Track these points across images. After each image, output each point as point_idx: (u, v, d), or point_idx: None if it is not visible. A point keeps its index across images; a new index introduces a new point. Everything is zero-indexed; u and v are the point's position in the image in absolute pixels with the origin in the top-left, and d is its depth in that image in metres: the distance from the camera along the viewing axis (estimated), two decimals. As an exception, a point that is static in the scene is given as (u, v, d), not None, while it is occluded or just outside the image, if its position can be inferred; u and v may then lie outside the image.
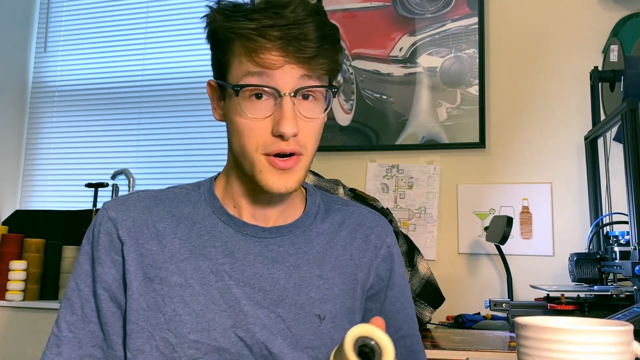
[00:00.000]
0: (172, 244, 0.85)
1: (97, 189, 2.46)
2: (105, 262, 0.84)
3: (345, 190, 1.70)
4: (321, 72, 0.81)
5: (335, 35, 0.82)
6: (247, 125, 0.80)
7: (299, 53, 0.77)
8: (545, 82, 2.11)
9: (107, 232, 0.85)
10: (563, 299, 1.55)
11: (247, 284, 0.84)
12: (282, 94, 0.78)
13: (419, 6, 2.26)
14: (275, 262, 0.86)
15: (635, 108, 1.45)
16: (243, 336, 0.82)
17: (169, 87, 2.70)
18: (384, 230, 0.96)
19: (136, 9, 2.81)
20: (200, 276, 0.83)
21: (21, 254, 2.29)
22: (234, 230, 0.87)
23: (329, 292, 0.87)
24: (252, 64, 0.78)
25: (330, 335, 0.85)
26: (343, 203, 0.98)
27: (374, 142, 2.25)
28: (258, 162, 0.81)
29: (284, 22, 0.77)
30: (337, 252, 0.90)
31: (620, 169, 1.82)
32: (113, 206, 0.87)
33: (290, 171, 0.81)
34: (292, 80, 0.79)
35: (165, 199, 0.89)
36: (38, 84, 2.90)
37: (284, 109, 0.78)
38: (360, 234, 0.93)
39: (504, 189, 2.09)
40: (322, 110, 0.83)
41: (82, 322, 0.85)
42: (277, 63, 0.78)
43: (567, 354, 0.60)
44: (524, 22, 2.16)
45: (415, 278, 1.70)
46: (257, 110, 0.80)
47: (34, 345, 2.14)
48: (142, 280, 0.83)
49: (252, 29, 0.77)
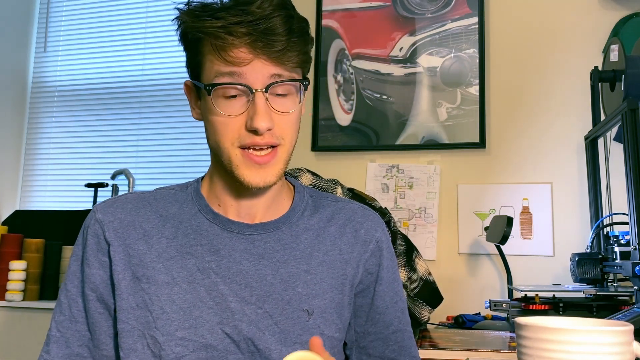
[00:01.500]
0: (159, 243, 0.86)
1: (97, 189, 2.46)
2: (92, 264, 0.86)
3: (344, 190, 1.70)
4: (292, 65, 0.82)
5: (304, 27, 0.83)
6: (222, 122, 0.81)
7: (268, 47, 0.78)
8: (545, 82, 2.11)
9: (94, 233, 0.87)
10: (537, 299, 1.55)
11: (234, 281, 0.85)
12: (254, 90, 0.79)
13: (419, 6, 2.26)
14: (261, 259, 0.86)
15: (635, 108, 1.44)
16: (230, 333, 0.83)
17: (169, 87, 2.70)
18: (373, 225, 0.95)
19: (136, 9, 2.81)
20: (186, 274, 0.84)
21: (21, 254, 2.29)
22: (220, 228, 0.88)
23: (317, 287, 0.88)
24: (222, 63, 0.79)
25: (320, 330, 0.86)
26: (333, 199, 0.98)
27: (374, 142, 2.25)
28: (234, 156, 0.82)
29: (251, 19, 0.77)
30: (326, 247, 0.91)
31: (621, 169, 1.82)
32: (101, 208, 0.89)
33: (267, 165, 0.82)
34: (262, 76, 0.80)
35: (153, 200, 0.91)
36: (38, 84, 2.90)
37: (256, 105, 0.79)
38: (349, 228, 0.93)
39: (504, 189, 2.09)
40: (296, 104, 0.84)
41: (70, 321, 0.87)
42: (246, 59, 0.79)
43: (567, 354, 0.59)
44: (524, 22, 2.16)
45: (413, 278, 1.69)
46: (230, 108, 0.81)
47: (33, 345, 2.14)
48: (130, 280, 0.85)
49: (219, 27, 0.78)
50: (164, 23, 2.76)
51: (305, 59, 0.84)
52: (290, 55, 0.80)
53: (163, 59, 2.73)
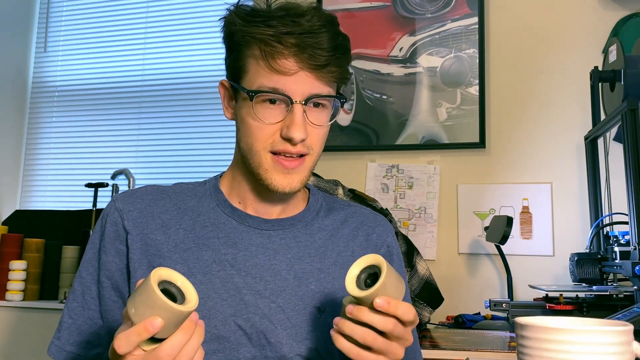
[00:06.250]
0: (176, 234, 0.88)
1: (97, 189, 2.45)
2: (110, 251, 0.88)
3: (345, 191, 1.70)
4: (332, 79, 0.84)
5: (346, 45, 0.87)
6: (258, 127, 0.84)
7: (312, 60, 0.81)
8: (545, 82, 2.11)
9: (113, 222, 0.88)
10: (562, 299, 1.55)
11: (249, 274, 0.86)
12: (294, 101, 0.82)
13: (419, 6, 2.26)
14: (276, 254, 0.88)
15: (635, 108, 1.45)
16: (243, 325, 0.84)
17: (169, 87, 2.70)
18: (385, 230, 0.98)
19: (136, 9, 2.81)
20: (202, 265, 0.86)
21: (21, 254, 2.29)
22: (237, 222, 0.90)
23: (329, 285, 0.89)
24: (268, 70, 0.82)
25: (331, 328, 0.86)
26: (345, 204, 1.01)
27: (374, 142, 2.25)
28: (265, 160, 0.84)
29: (300, 30, 0.80)
30: (339, 248, 0.93)
31: (620, 169, 1.82)
32: (121, 198, 0.91)
33: (294, 171, 0.85)
34: (303, 88, 0.82)
35: (172, 193, 0.93)
36: (38, 84, 2.90)
37: (294, 115, 0.82)
38: (362, 232, 0.96)
39: (504, 189, 2.09)
40: (329, 118, 0.87)
41: (82, 308, 0.88)
42: (292, 69, 0.81)
43: (567, 354, 0.60)
44: (524, 22, 2.16)
45: (414, 278, 1.70)
46: (269, 115, 0.83)
47: (33, 345, 2.14)
48: (146, 269, 0.86)
49: (270, 34, 0.80)
50: (164, 23, 2.76)
51: (344, 75, 0.87)
52: (331, 70, 0.83)
53: (163, 59, 2.73)
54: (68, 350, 0.87)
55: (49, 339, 0.93)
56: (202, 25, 2.69)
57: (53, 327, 0.93)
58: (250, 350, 0.83)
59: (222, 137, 2.59)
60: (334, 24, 0.84)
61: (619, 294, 1.53)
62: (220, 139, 2.59)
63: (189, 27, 2.71)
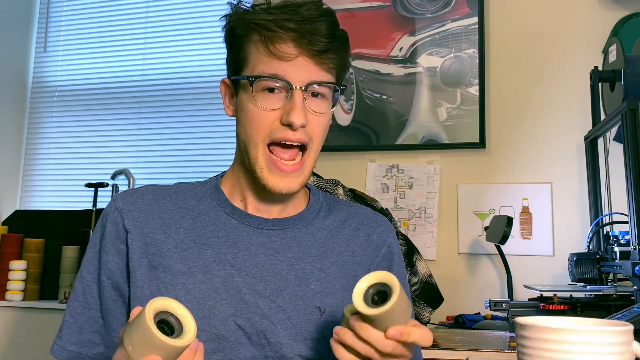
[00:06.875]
0: (176, 233, 0.88)
1: (97, 189, 2.45)
2: (110, 250, 0.88)
3: (345, 191, 1.70)
4: (331, 66, 0.86)
5: (344, 36, 0.89)
6: (258, 114, 0.85)
7: (311, 45, 0.83)
8: (545, 82, 2.11)
9: (113, 221, 0.89)
10: (555, 299, 1.55)
11: (249, 274, 0.86)
12: (294, 87, 0.83)
13: (419, 6, 2.26)
14: (277, 254, 0.88)
15: (635, 108, 1.44)
16: (242, 324, 0.84)
17: (169, 87, 2.70)
18: (385, 230, 0.98)
19: (136, 9, 2.81)
20: (202, 265, 0.86)
21: (21, 254, 2.29)
22: (237, 222, 0.90)
23: (330, 285, 0.89)
24: (267, 55, 0.84)
25: (331, 329, 0.86)
26: (346, 204, 1.01)
27: (374, 142, 2.25)
28: (261, 156, 0.85)
29: (299, 18, 0.83)
30: (340, 247, 0.93)
31: (620, 169, 1.82)
32: (121, 197, 0.91)
33: (292, 174, 0.86)
34: (303, 74, 0.84)
35: (173, 192, 0.93)
36: (38, 84, 2.90)
37: (294, 101, 0.83)
38: (362, 232, 0.96)
39: (504, 189, 2.09)
40: (329, 107, 0.88)
41: (83, 308, 0.89)
42: (291, 54, 0.83)
43: (567, 354, 0.60)
44: (524, 22, 2.16)
45: (414, 278, 1.70)
46: (268, 101, 0.84)
47: (33, 345, 2.14)
48: (146, 269, 0.86)
49: (270, 20, 0.83)
50: (164, 23, 2.76)
51: (343, 64, 0.89)
52: (330, 56, 0.85)
53: (163, 59, 2.73)
54: (69, 349, 0.87)
55: (49, 339, 0.94)
56: (202, 25, 2.69)
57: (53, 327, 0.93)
58: (250, 350, 0.83)
59: (222, 137, 2.59)
60: (331, 14, 0.86)
61: (614, 294, 1.53)
62: (220, 139, 2.59)
63: (189, 27, 2.71)
